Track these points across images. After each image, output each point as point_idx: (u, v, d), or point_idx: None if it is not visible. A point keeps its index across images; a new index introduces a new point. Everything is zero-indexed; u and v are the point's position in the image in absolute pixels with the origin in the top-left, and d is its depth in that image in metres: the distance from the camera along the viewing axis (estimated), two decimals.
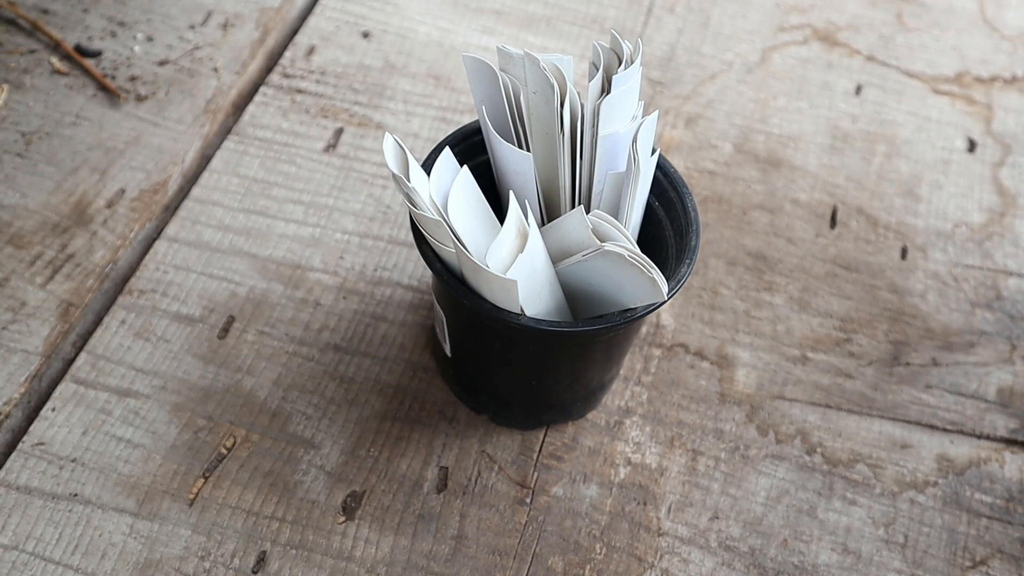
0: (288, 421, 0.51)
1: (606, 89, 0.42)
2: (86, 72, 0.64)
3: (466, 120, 0.64)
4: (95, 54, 0.65)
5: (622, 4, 0.72)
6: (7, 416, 0.50)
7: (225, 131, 0.63)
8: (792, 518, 0.50)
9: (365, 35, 0.68)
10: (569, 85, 0.42)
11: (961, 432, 0.54)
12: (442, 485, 0.49)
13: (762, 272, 0.59)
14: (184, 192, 0.60)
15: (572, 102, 0.42)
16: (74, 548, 0.46)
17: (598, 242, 0.39)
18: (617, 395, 0.53)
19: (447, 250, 0.40)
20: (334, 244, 0.57)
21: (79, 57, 0.64)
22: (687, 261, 0.42)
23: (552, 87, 0.41)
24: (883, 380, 0.55)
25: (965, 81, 0.71)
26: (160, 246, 0.56)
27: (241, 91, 0.65)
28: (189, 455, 0.49)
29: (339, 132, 0.63)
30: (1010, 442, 0.53)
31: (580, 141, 0.43)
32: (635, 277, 0.39)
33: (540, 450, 0.51)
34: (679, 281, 0.41)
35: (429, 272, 0.51)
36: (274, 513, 0.48)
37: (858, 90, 0.69)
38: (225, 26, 0.68)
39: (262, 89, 0.64)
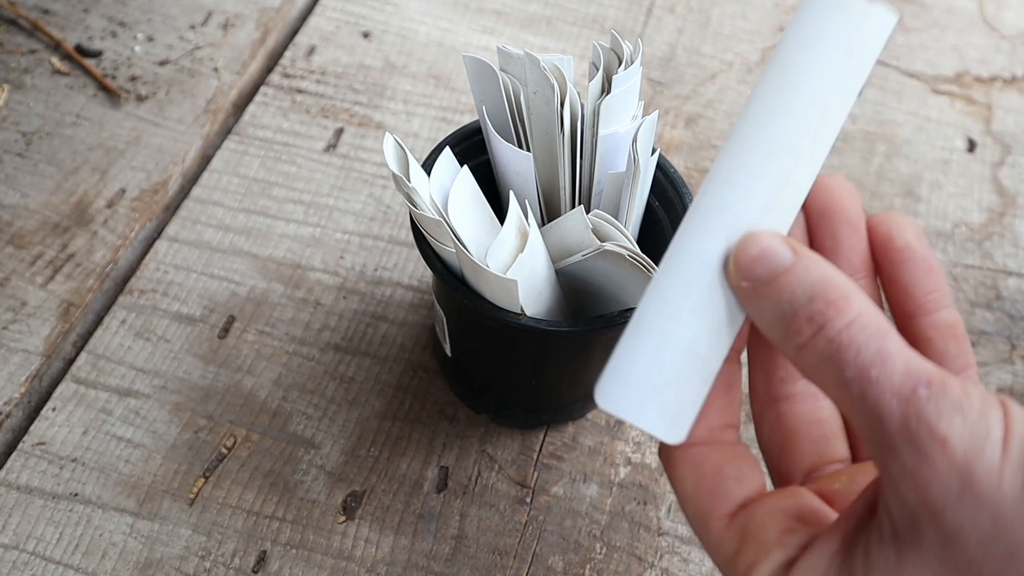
0: (288, 421, 0.51)
1: (606, 89, 0.43)
2: (86, 72, 0.64)
3: (466, 120, 0.64)
4: (95, 54, 0.65)
5: (622, 4, 0.72)
6: (7, 416, 0.50)
7: (225, 131, 0.63)
8: None
9: (365, 35, 0.68)
10: (569, 85, 0.42)
11: None
12: (442, 485, 0.49)
13: None
14: (184, 192, 0.60)
15: (572, 102, 0.42)
16: (74, 548, 0.46)
17: (598, 242, 0.39)
18: None
19: (447, 250, 0.40)
20: (334, 244, 0.57)
21: (79, 57, 0.64)
22: None
23: (552, 87, 0.41)
24: None
25: (965, 81, 0.71)
26: (160, 246, 0.56)
27: (241, 91, 0.65)
28: (189, 455, 0.49)
29: (339, 132, 0.63)
30: None
31: (580, 141, 0.43)
32: (635, 277, 0.39)
33: (540, 450, 0.51)
34: None
35: (429, 272, 0.51)
36: (274, 513, 0.48)
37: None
38: (225, 26, 0.68)
39: (262, 89, 0.65)
